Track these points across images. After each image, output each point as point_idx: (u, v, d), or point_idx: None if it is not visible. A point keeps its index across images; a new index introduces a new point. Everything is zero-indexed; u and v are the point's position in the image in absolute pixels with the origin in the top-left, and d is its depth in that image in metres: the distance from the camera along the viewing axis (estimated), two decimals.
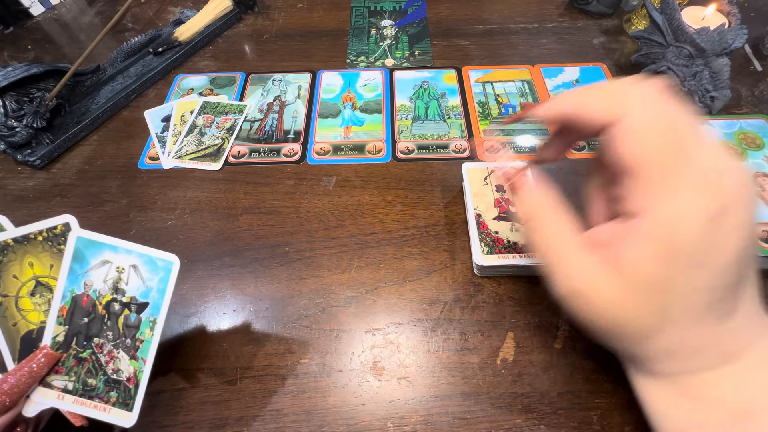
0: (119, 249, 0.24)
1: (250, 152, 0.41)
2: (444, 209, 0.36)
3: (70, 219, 0.24)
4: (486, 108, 0.44)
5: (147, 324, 0.24)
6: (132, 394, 0.23)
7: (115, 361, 0.24)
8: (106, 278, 0.24)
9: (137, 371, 0.23)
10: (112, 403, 0.23)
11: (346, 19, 0.55)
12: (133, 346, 0.24)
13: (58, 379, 0.23)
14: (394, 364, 0.29)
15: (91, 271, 0.24)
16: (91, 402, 0.23)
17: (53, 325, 0.23)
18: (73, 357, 0.23)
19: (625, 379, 0.28)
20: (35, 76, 0.40)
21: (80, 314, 0.24)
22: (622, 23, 0.52)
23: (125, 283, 0.24)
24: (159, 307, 0.24)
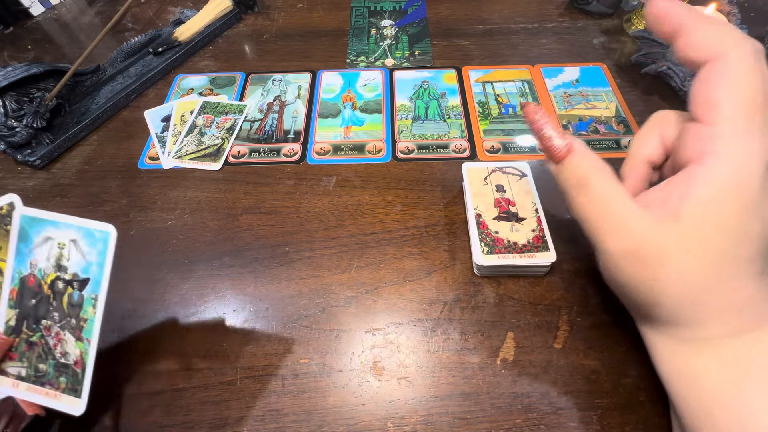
0: (60, 224, 0.23)
1: (250, 152, 0.41)
2: (444, 209, 0.36)
3: (14, 198, 0.23)
4: (486, 108, 0.44)
5: (90, 302, 0.22)
6: (80, 379, 0.22)
7: (62, 343, 0.22)
8: (49, 255, 0.23)
9: (83, 353, 0.22)
10: (62, 390, 0.22)
11: (346, 19, 0.55)
12: (78, 326, 0.22)
13: (12, 365, 0.22)
14: (394, 364, 0.29)
15: (36, 249, 0.23)
16: (42, 389, 0.22)
17: (5, 309, 0.22)
18: (24, 342, 0.22)
19: (624, 380, 0.28)
20: (35, 76, 0.40)
21: (28, 296, 0.23)
22: (623, 23, 0.52)
23: (67, 260, 0.23)
24: (99, 282, 0.22)
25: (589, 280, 0.32)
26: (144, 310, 0.32)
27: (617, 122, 0.42)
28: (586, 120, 0.42)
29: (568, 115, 0.42)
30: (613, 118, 0.42)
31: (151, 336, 0.30)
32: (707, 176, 0.19)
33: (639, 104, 0.43)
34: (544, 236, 0.31)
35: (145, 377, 0.29)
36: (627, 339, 0.29)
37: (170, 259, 0.34)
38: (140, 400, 0.28)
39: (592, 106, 0.43)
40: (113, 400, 0.28)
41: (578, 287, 0.32)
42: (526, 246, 0.30)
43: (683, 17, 0.20)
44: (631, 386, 0.27)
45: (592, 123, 0.42)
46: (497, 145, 0.41)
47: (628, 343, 0.29)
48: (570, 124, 0.42)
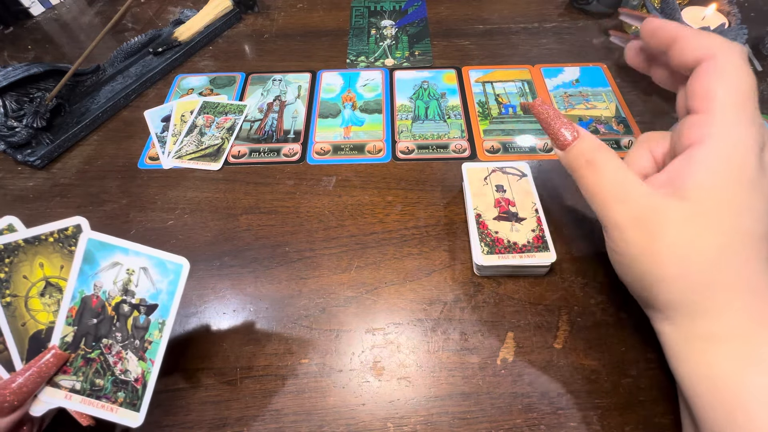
0: (130, 251, 0.24)
1: (250, 152, 0.41)
2: (444, 209, 0.36)
3: (82, 221, 0.24)
4: (486, 108, 0.44)
5: (156, 326, 0.24)
6: (140, 395, 0.23)
7: (123, 361, 0.24)
8: (116, 280, 0.24)
9: (145, 372, 0.24)
10: (119, 404, 0.23)
11: (346, 19, 0.55)
12: (142, 347, 0.24)
13: (66, 379, 0.23)
14: (394, 364, 0.29)
15: (101, 272, 0.24)
16: (98, 402, 0.23)
17: (62, 326, 0.23)
18: (81, 357, 0.23)
19: (624, 380, 0.28)
20: (35, 76, 0.40)
21: (89, 315, 0.24)
22: (623, 23, 0.52)
23: (135, 285, 0.24)
24: (168, 309, 0.24)
25: (589, 280, 0.32)
26: None
27: (617, 122, 0.42)
28: (586, 120, 0.42)
29: (568, 115, 0.42)
30: (613, 118, 0.42)
31: None
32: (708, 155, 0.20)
33: (639, 104, 0.43)
34: (544, 236, 0.31)
35: None
36: (627, 339, 0.29)
37: None
38: None
39: (592, 106, 0.43)
40: None
41: (578, 287, 0.32)
42: (526, 246, 0.30)
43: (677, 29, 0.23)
44: (631, 386, 0.27)
45: (592, 123, 0.42)
46: (497, 145, 0.41)
47: (628, 343, 0.29)
48: None
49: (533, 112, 0.26)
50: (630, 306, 0.30)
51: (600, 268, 0.32)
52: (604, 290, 0.31)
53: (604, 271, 0.32)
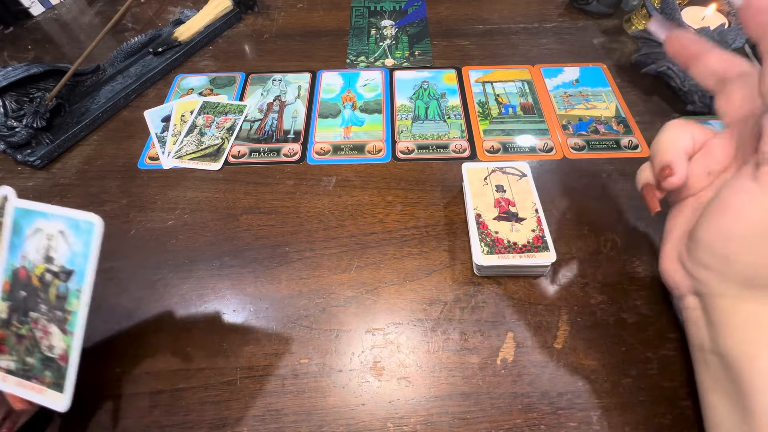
0: (48, 215, 0.22)
1: (250, 152, 0.41)
2: (444, 209, 0.36)
3: (8, 190, 0.22)
4: (486, 108, 0.44)
5: (74, 294, 0.22)
6: (64, 373, 0.22)
7: (48, 336, 0.22)
8: (38, 247, 0.22)
9: (68, 347, 0.22)
10: (47, 384, 0.22)
11: (346, 19, 0.55)
12: (63, 318, 0.22)
13: (2, 358, 0.22)
14: (394, 364, 0.29)
15: (26, 241, 0.22)
16: (29, 383, 0.22)
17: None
18: (14, 335, 0.22)
19: (624, 380, 0.28)
20: (35, 76, 0.40)
21: (18, 288, 0.22)
22: (622, 23, 0.52)
23: (55, 251, 0.22)
24: (84, 273, 0.22)
25: (589, 280, 0.32)
26: (144, 310, 0.32)
27: (617, 122, 0.42)
28: (586, 120, 0.42)
29: (568, 115, 0.42)
30: (613, 118, 0.42)
31: (152, 336, 0.30)
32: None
33: (639, 104, 0.43)
34: (544, 236, 0.31)
35: (145, 377, 0.29)
36: (627, 339, 0.29)
37: (170, 259, 0.34)
38: (140, 400, 0.28)
39: (592, 106, 0.43)
40: (113, 400, 0.28)
41: (578, 287, 0.32)
42: (526, 246, 0.30)
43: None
44: (631, 386, 0.27)
45: (592, 123, 0.42)
46: (497, 145, 0.41)
47: (628, 343, 0.29)
48: (570, 124, 0.42)
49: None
50: (630, 306, 0.31)
51: (600, 268, 0.32)
52: (604, 290, 0.31)
53: (604, 271, 0.32)
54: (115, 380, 0.28)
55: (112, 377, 0.28)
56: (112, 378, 0.28)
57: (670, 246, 0.26)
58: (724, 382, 0.22)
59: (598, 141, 0.40)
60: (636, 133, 0.41)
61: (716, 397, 0.23)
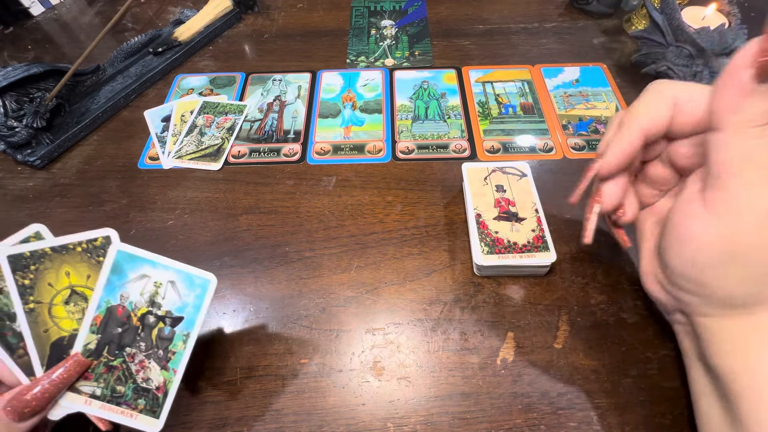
0: (158, 264, 0.25)
1: (250, 152, 0.41)
2: (444, 209, 0.36)
3: (111, 233, 0.24)
4: (486, 108, 0.44)
5: (180, 337, 0.25)
6: (160, 402, 0.24)
7: (145, 370, 0.24)
8: (143, 291, 0.25)
9: (167, 381, 0.24)
10: (139, 410, 0.24)
11: (346, 19, 0.55)
12: (165, 357, 0.24)
13: (87, 385, 0.24)
14: (394, 364, 0.29)
15: (129, 284, 0.24)
16: (118, 408, 0.24)
17: (86, 333, 0.24)
18: (103, 365, 0.24)
19: (625, 380, 0.28)
20: (35, 76, 0.40)
21: (114, 324, 0.24)
22: (623, 23, 0.52)
23: (162, 297, 0.25)
24: (194, 322, 0.25)
25: (589, 280, 0.32)
26: None
27: None
28: (586, 120, 0.42)
29: (568, 115, 0.42)
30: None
31: None
32: None
33: None
34: (544, 236, 0.31)
35: None
36: (627, 339, 0.29)
37: None
38: None
39: (592, 106, 0.43)
40: None
41: (578, 287, 0.32)
42: (526, 246, 0.30)
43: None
44: (631, 386, 0.27)
45: (592, 123, 0.42)
46: (497, 145, 0.41)
47: (628, 344, 0.29)
48: (570, 124, 0.42)
49: None
50: (630, 306, 0.30)
51: (600, 268, 0.32)
52: (604, 290, 0.31)
53: (604, 271, 0.32)
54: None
55: None
56: None
57: (646, 264, 0.26)
58: (713, 390, 0.23)
59: (598, 141, 0.40)
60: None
61: (707, 402, 0.23)
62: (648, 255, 0.26)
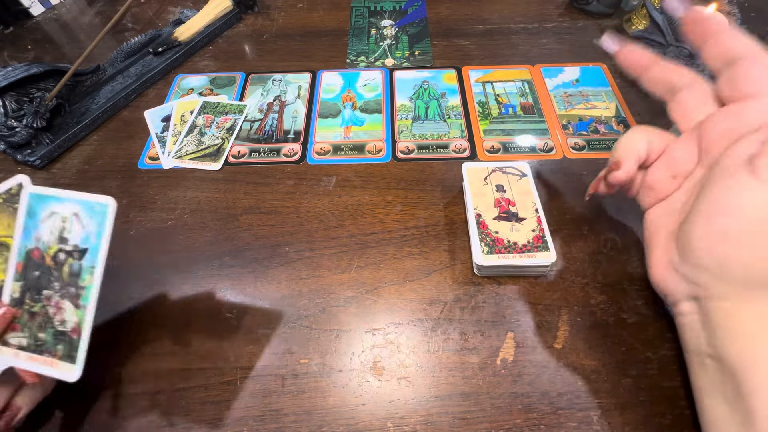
0: (62, 199, 0.24)
1: (250, 152, 0.41)
2: (444, 209, 0.36)
3: (24, 179, 0.24)
4: (486, 108, 0.44)
5: (88, 270, 0.24)
6: (76, 345, 0.23)
7: (61, 311, 0.24)
8: (52, 229, 0.24)
9: (80, 321, 0.23)
10: (59, 357, 0.23)
11: (346, 19, 0.55)
12: (77, 294, 0.24)
13: (15, 336, 0.23)
14: (394, 364, 0.29)
15: (41, 224, 0.24)
16: (41, 357, 0.23)
17: (11, 283, 0.24)
18: (27, 312, 0.24)
19: (624, 380, 0.28)
20: (35, 76, 0.40)
21: (32, 268, 0.24)
22: (623, 23, 0.52)
23: (69, 232, 0.24)
24: (97, 250, 0.24)
25: (589, 280, 0.32)
26: (144, 310, 0.32)
27: (617, 122, 0.42)
28: (586, 120, 0.42)
29: (568, 115, 0.42)
30: (613, 118, 0.42)
31: (151, 336, 0.30)
32: None
33: (639, 104, 0.43)
34: (544, 236, 0.31)
35: (145, 377, 0.29)
36: (627, 339, 0.29)
37: (170, 259, 0.34)
38: (140, 400, 0.28)
39: (592, 106, 0.43)
40: (113, 400, 0.28)
41: (578, 287, 0.32)
42: (526, 246, 0.30)
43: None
44: (632, 386, 0.27)
45: (592, 123, 0.42)
46: (497, 145, 0.41)
47: (628, 343, 0.29)
48: (570, 124, 0.42)
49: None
50: (630, 306, 0.30)
51: (600, 268, 0.32)
52: (605, 290, 0.31)
53: (605, 271, 0.32)
54: (115, 380, 0.28)
55: (112, 377, 0.28)
56: (112, 378, 0.28)
57: (660, 252, 0.26)
58: (721, 386, 0.22)
59: (598, 141, 0.40)
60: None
61: (714, 400, 0.23)
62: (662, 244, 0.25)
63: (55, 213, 0.24)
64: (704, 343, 0.23)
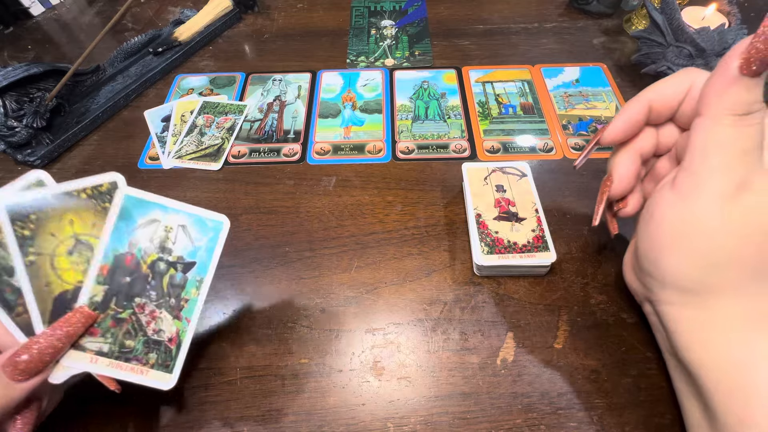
0: (168, 208, 0.23)
1: (250, 152, 0.41)
2: (444, 209, 0.36)
3: (118, 177, 0.23)
4: (486, 108, 0.44)
5: (193, 284, 0.23)
6: (173, 355, 0.23)
7: (156, 321, 0.23)
8: (153, 237, 0.23)
9: (180, 331, 0.23)
10: (150, 365, 0.22)
11: (346, 19, 0.55)
12: (178, 306, 0.23)
13: (93, 341, 0.21)
14: (394, 364, 0.29)
15: (138, 229, 0.23)
16: (127, 365, 0.22)
17: (92, 285, 0.22)
18: (110, 318, 0.22)
19: (625, 380, 0.28)
20: (35, 76, 0.40)
21: (122, 273, 0.22)
22: (623, 23, 0.52)
23: (173, 243, 0.23)
24: (207, 266, 0.24)
25: (589, 280, 0.32)
26: None
27: None
28: (586, 120, 0.42)
29: (568, 115, 0.42)
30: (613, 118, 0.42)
31: None
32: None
33: None
34: (544, 236, 0.31)
35: None
36: (627, 339, 0.29)
37: None
38: (139, 400, 0.28)
39: (592, 106, 0.43)
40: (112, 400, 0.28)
41: (578, 287, 0.32)
42: (526, 246, 0.30)
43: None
44: (632, 386, 0.27)
45: (592, 123, 0.42)
46: (497, 145, 0.41)
47: (628, 343, 0.29)
48: (570, 124, 0.42)
49: None
50: (630, 306, 0.30)
51: (600, 268, 0.32)
52: (605, 290, 0.31)
53: (605, 271, 0.32)
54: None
55: None
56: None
57: (627, 256, 0.28)
58: (690, 386, 0.23)
59: None
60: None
61: (689, 401, 0.23)
62: (631, 245, 0.27)
63: (156, 221, 0.23)
64: (668, 344, 0.24)
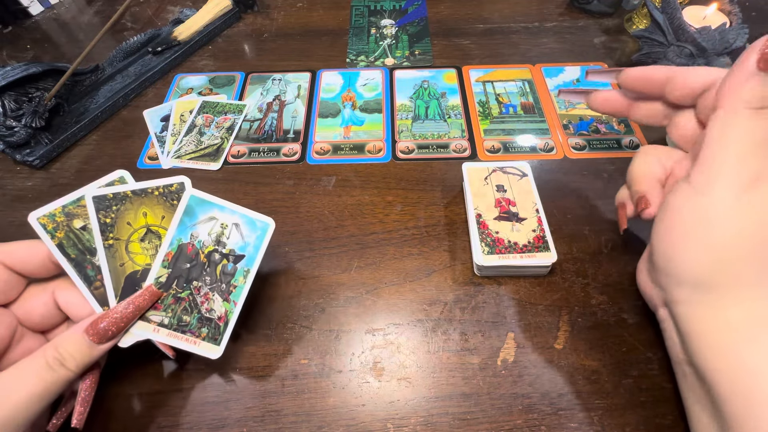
0: (225, 208, 0.28)
1: (249, 152, 0.41)
2: (444, 209, 0.36)
3: (185, 180, 0.27)
4: (486, 107, 0.43)
5: (241, 273, 0.27)
6: (221, 331, 0.26)
7: (209, 302, 0.26)
8: (210, 231, 0.27)
9: (228, 311, 0.27)
10: (202, 338, 0.26)
11: (346, 19, 0.55)
12: (227, 290, 0.27)
13: (156, 314, 0.26)
14: (394, 365, 0.29)
15: (199, 224, 0.27)
16: (183, 336, 0.26)
17: (158, 267, 0.26)
18: (172, 296, 0.26)
19: (625, 380, 0.28)
20: (34, 76, 0.40)
21: (184, 260, 0.26)
22: (623, 22, 0.52)
23: (227, 238, 0.27)
24: (254, 259, 0.28)
25: (590, 281, 0.32)
26: None
27: (618, 122, 0.42)
28: (587, 120, 0.42)
29: (568, 115, 0.42)
30: (613, 117, 0.42)
31: None
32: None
33: None
34: (545, 236, 0.31)
35: (144, 377, 0.29)
36: (628, 339, 0.29)
37: None
38: (139, 400, 0.28)
39: None
40: (113, 400, 0.28)
41: (579, 287, 0.31)
42: (526, 246, 0.30)
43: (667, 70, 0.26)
44: (632, 387, 0.27)
45: (593, 123, 0.42)
46: (497, 145, 0.40)
47: (629, 344, 0.29)
48: (571, 124, 0.42)
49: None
50: (631, 306, 0.30)
51: (601, 268, 0.32)
52: (605, 290, 0.31)
53: (605, 272, 0.32)
54: (115, 380, 0.28)
55: (111, 377, 0.28)
56: (112, 378, 0.28)
57: (642, 261, 0.28)
58: (701, 393, 0.22)
59: (599, 141, 0.40)
60: (637, 132, 0.41)
61: (698, 408, 0.23)
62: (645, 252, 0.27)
63: (214, 218, 0.27)
64: (680, 350, 0.24)
